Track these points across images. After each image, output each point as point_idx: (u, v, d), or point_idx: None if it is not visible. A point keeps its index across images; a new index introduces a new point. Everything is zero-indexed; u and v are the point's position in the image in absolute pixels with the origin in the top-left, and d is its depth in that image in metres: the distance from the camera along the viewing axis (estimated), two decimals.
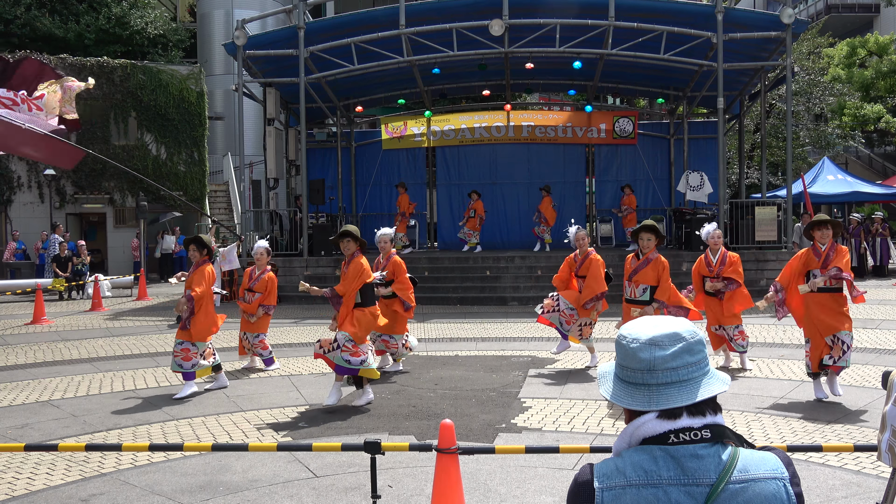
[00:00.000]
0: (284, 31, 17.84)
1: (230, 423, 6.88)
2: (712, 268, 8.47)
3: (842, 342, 6.98)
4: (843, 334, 6.99)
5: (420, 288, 16.68)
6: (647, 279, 7.88)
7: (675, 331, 1.55)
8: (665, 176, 22.16)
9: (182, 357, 7.94)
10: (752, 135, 29.19)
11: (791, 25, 16.10)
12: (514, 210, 21.55)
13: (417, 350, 10.57)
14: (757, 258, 16.57)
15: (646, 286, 7.88)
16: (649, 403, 1.53)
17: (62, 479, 5.41)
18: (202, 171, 25.46)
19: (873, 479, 5.09)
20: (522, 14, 16.92)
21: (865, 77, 35.24)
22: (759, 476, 1.48)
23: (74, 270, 19.96)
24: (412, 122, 22.19)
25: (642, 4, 17.54)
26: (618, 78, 21.60)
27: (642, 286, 7.89)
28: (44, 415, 7.30)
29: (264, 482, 5.26)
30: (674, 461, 1.49)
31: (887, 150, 40.14)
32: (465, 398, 7.61)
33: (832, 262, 7.02)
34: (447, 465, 4.16)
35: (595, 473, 1.54)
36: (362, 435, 6.24)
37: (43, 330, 13.42)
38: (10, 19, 26.37)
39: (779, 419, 6.63)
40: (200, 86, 25.24)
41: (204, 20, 30.80)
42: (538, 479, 5.19)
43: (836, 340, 7.00)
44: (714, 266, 8.45)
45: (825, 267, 7.05)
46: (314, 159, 21.92)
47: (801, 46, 30.43)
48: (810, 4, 46.49)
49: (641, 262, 7.90)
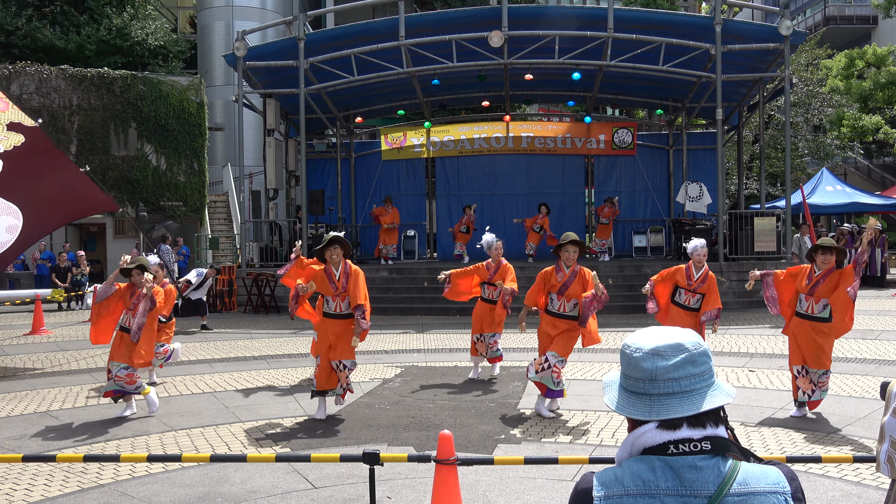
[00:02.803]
0: (284, 43, 17.90)
1: (229, 434, 6.86)
2: (692, 282, 8.38)
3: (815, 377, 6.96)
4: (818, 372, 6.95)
5: (419, 298, 16.78)
6: (577, 293, 7.46)
7: (679, 341, 1.56)
8: (664, 187, 22.20)
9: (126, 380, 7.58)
10: (750, 145, 29.25)
11: (789, 37, 16.17)
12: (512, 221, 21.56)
13: (417, 361, 10.56)
14: (756, 269, 16.56)
15: (576, 300, 7.48)
16: (650, 413, 1.54)
17: (60, 491, 5.39)
18: (202, 181, 25.47)
19: (873, 489, 5.08)
20: (522, 26, 17.00)
21: (864, 88, 35.34)
22: (758, 490, 1.47)
23: (74, 281, 19.96)
24: (412, 133, 22.25)
25: (641, 16, 17.64)
26: (617, 89, 21.68)
27: (574, 300, 7.48)
28: (42, 425, 7.28)
29: (263, 493, 5.24)
30: (672, 472, 1.49)
31: (886, 161, 40.22)
32: (464, 409, 7.60)
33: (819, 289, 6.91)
34: (446, 477, 4.15)
35: (594, 482, 1.55)
36: (361, 446, 6.22)
37: (42, 340, 13.40)
38: (12, 30, 26.45)
39: (778, 430, 6.62)
40: (201, 96, 25.28)
41: (204, 31, 30.91)
42: (537, 491, 5.18)
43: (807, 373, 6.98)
44: (694, 282, 8.37)
45: (811, 293, 6.98)
46: (314, 170, 21.96)
47: (799, 58, 30.56)
48: (808, 16, 46.73)
49: (569, 276, 7.46)
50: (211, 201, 26.89)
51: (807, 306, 7.03)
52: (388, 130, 22.71)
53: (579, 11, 20.51)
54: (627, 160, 22.05)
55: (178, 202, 24.94)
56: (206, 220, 25.76)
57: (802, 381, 7.00)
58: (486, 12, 17.21)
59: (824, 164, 29.98)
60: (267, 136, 18.76)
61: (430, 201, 23.16)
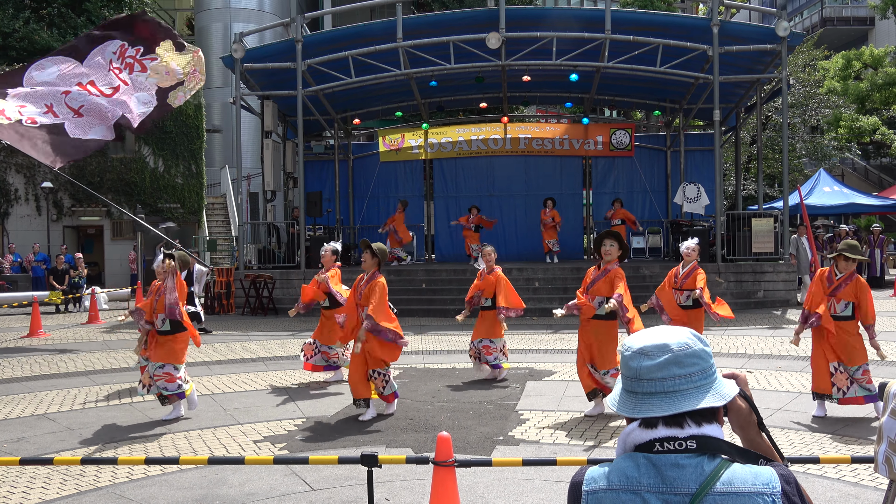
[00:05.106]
0: (282, 45, 17.90)
1: (227, 437, 6.85)
2: (678, 279, 8.41)
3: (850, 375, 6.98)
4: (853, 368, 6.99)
5: (417, 300, 16.76)
6: (602, 291, 7.23)
7: (666, 342, 1.56)
8: (662, 188, 22.22)
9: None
10: (748, 147, 29.29)
11: (786, 38, 16.20)
12: (511, 222, 21.57)
13: (415, 363, 10.55)
14: (754, 269, 16.59)
15: (602, 298, 7.23)
16: (633, 411, 1.56)
17: (58, 494, 5.38)
18: (199, 183, 25.47)
19: (871, 490, 5.08)
20: (519, 27, 17.01)
21: (861, 89, 35.41)
22: (743, 490, 1.46)
23: (71, 283, 19.93)
24: (409, 135, 22.25)
25: (638, 18, 17.66)
26: (614, 90, 21.70)
27: (598, 299, 7.25)
28: (40, 428, 7.27)
29: (261, 495, 5.23)
30: (655, 469, 1.51)
31: (883, 162, 40.29)
32: (462, 411, 7.60)
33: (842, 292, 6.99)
34: (444, 478, 4.14)
35: (585, 476, 1.59)
36: (359, 448, 6.22)
37: (39, 343, 13.39)
38: (9, 32, 26.43)
39: (776, 431, 6.62)
40: (198, 98, 25.28)
41: (202, 33, 30.92)
42: (536, 492, 5.17)
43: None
44: (679, 279, 8.38)
45: (833, 295, 7.04)
46: (312, 172, 21.96)
47: (796, 59, 30.61)
48: (805, 17, 46.83)
49: (600, 273, 7.22)
50: (209, 203, 26.89)
51: (829, 306, 7.05)
52: (385, 132, 22.71)
53: (577, 13, 20.52)
54: (625, 161, 22.07)
55: (176, 204, 24.93)
56: (204, 222, 25.76)
57: (839, 378, 6.99)
58: (484, 14, 17.23)
59: (822, 165, 30.00)
60: (265, 138, 18.76)
61: (428, 203, 23.16)
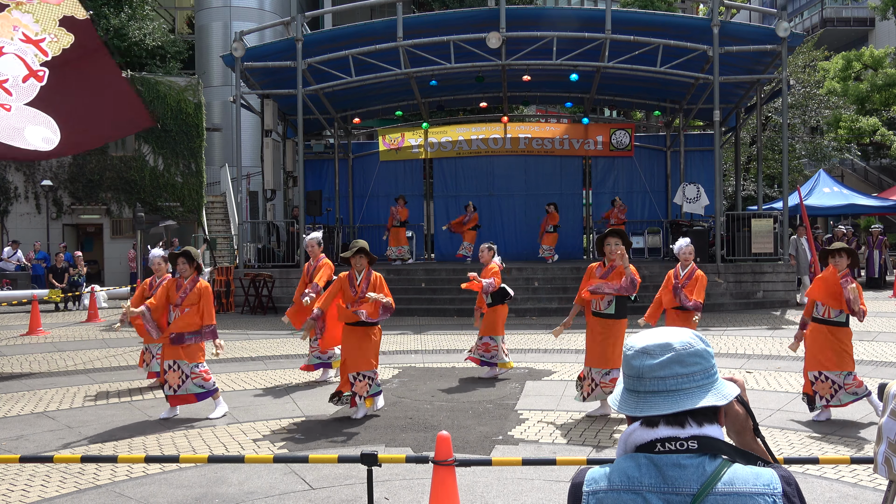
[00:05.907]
0: (282, 43, 17.89)
1: (226, 435, 6.85)
2: (678, 281, 8.38)
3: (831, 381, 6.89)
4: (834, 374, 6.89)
5: (417, 299, 16.77)
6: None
7: (668, 341, 1.57)
8: (661, 188, 22.23)
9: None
10: (748, 147, 29.29)
11: (787, 39, 16.20)
12: (510, 222, 21.58)
13: (414, 362, 10.56)
14: (753, 270, 16.60)
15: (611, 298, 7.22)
16: (635, 410, 1.56)
17: (57, 492, 5.38)
18: (199, 182, 25.47)
19: (871, 491, 5.08)
20: (520, 27, 17.00)
21: (861, 90, 35.36)
22: (744, 490, 1.47)
23: (71, 281, 19.93)
24: (409, 134, 22.26)
25: (639, 18, 17.65)
26: (614, 90, 21.70)
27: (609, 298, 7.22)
28: (39, 426, 7.27)
29: (260, 494, 5.24)
30: (656, 469, 1.51)
31: (883, 163, 40.26)
32: (461, 410, 7.60)
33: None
34: (444, 478, 4.15)
35: (586, 476, 1.59)
36: (359, 447, 6.22)
37: (39, 341, 13.38)
38: None
39: (776, 431, 6.63)
40: (198, 97, 25.28)
41: (202, 32, 30.91)
42: (535, 492, 5.18)
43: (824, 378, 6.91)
44: (681, 279, 8.37)
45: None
46: (312, 171, 21.96)
47: (796, 60, 30.62)
48: (805, 18, 46.82)
49: (606, 271, 7.19)
50: (208, 202, 26.89)
51: (823, 311, 6.99)
52: (385, 131, 22.71)
53: (577, 13, 20.50)
54: (625, 161, 22.07)
55: (176, 203, 24.93)
56: (204, 220, 25.75)
57: (821, 387, 6.92)
58: (484, 13, 17.23)
59: (821, 166, 30.01)
60: (265, 137, 18.75)
61: (428, 202, 23.16)
